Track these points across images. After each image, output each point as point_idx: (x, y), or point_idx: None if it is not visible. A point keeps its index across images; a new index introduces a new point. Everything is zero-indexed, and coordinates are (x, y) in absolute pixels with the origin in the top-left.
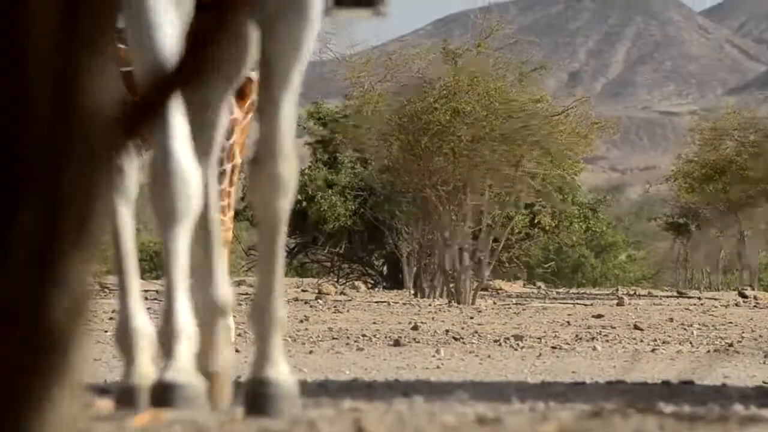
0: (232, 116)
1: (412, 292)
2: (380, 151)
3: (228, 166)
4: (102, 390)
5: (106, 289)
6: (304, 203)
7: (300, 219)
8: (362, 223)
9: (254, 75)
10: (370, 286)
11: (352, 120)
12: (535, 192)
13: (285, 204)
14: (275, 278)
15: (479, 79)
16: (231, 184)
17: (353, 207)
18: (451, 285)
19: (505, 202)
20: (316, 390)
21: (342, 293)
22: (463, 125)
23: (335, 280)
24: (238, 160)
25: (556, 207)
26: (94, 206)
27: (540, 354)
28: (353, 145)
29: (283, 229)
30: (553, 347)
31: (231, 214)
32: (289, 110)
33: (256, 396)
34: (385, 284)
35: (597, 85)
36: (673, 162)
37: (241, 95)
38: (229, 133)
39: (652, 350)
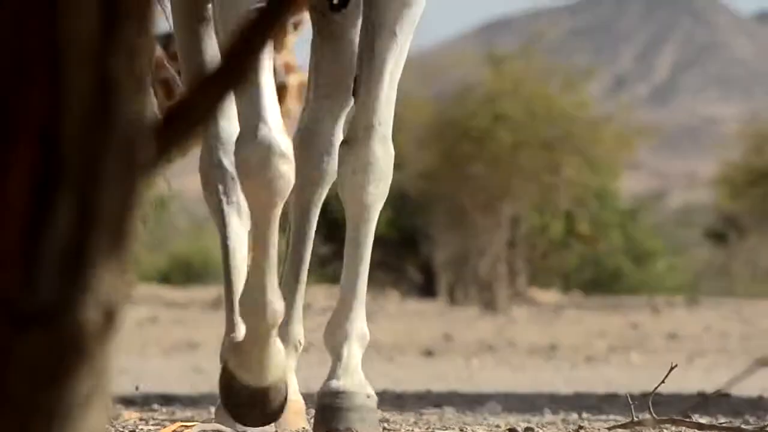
0: None
1: (446, 300)
2: (418, 157)
3: None
4: (128, 401)
5: (133, 299)
6: (338, 211)
7: (333, 227)
8: (397, 231)
9: (291, 80)
10: (403, 294)
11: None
12: (572, 199)
13: (378, 193)
14: (360, 283)
15: (523, 83)
16: None
17: (388, 215)
18: (486, 294)
19: (542, 209)
20: None
21: (374, 301)
22: (504, 131)
23: (368, 288)
24: None
25: (594, 215)
26: (128, 213)
27: (574, 365)
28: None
29: (373, 224)
30: (588, 358)
31: None
32: (389, 88)
33: (327, 408)
34: (418, 293)
35: (642, 88)
36: (715, 167)
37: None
38: None
39: (689, 361)
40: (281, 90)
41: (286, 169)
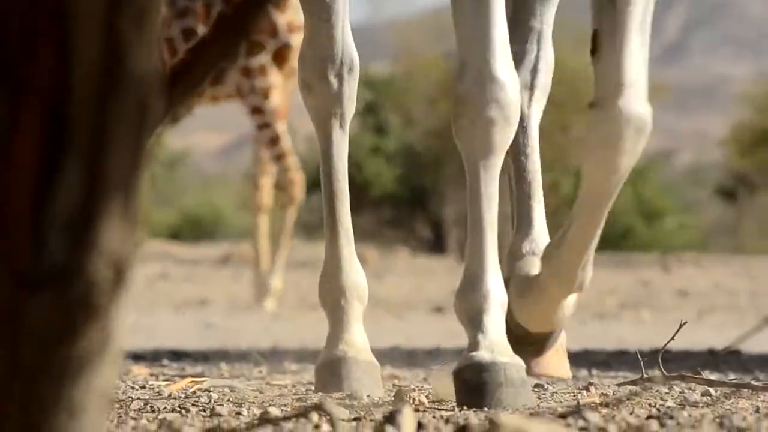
0: (269, 81)
1: (456, 257)
2: (428, 114)
3: (280, 126)
4: (139, 356)
5: (143, 255)
6: (349, 169)
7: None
8: (406, 188)
9: (295, 40)
10: (413, 250)
11: (400, 83)
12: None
13: (628, 167)
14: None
15: None
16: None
17: (398, 172)
18: None
19: (552, 167)
20: None
21: (384, 259)
22: None
23: (378, 245)
24: (282, 126)
25: None
26: (136, 172)
27: (584, 321)
28: (401, 108)
29: (610, 203)
30: (598, 314)
31: (269, 179)
32: (640, 42)
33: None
34: (428, 249)
35: (652, 47)
36: (725, 126)
37: (279, 60)
38: (265, 96)
39: (699, 318)
40: (285, 50)
41: (512, 112)
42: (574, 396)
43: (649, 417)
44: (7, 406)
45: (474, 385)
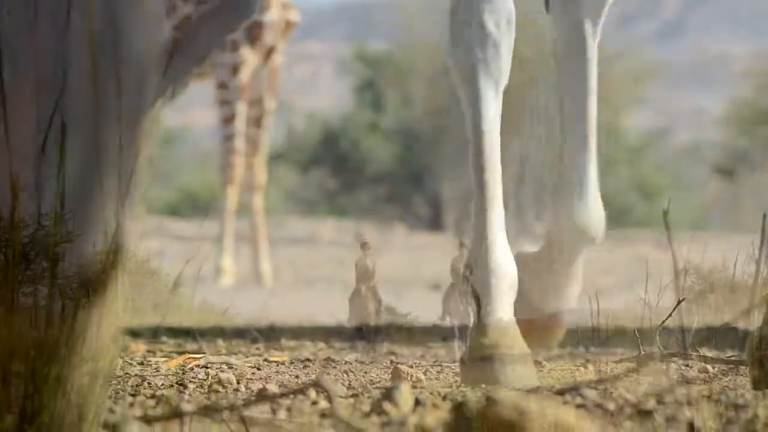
0: (239, 56)
1: (454, 234)
2: (427, 91)
3: (239, 106)
4: (136, 333)
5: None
6: (344, 146)
7: (340, 160)
8: (404, 165)
9: (266, 19)
10: (410, 227)
11: (399, 60)
12: None
13: None
14: None
15: (533, 22)
16: (259, 126)
17: (396, 149)
18: None
19: (551, 146)
20: (352, 334)
21: (381, 235)
22: (513, 67)
23: (375, 222)
24: (270, 104)
25: (602, 151)
26: (135, 149)
27: (581, 299)
28: (399, 85)
29: None
30: (595, 291)
31: (261, 157)
32: None
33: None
34: (425, 226)
35: (650, 26)
36: (723, 104)
37: (251, 38)
38: (234, 72)
39: (697, 295)
40: (255, 27)
41: None
42: (571, 373)
43: (647, 394)
44: (6, 386)
45: (476, 366)
